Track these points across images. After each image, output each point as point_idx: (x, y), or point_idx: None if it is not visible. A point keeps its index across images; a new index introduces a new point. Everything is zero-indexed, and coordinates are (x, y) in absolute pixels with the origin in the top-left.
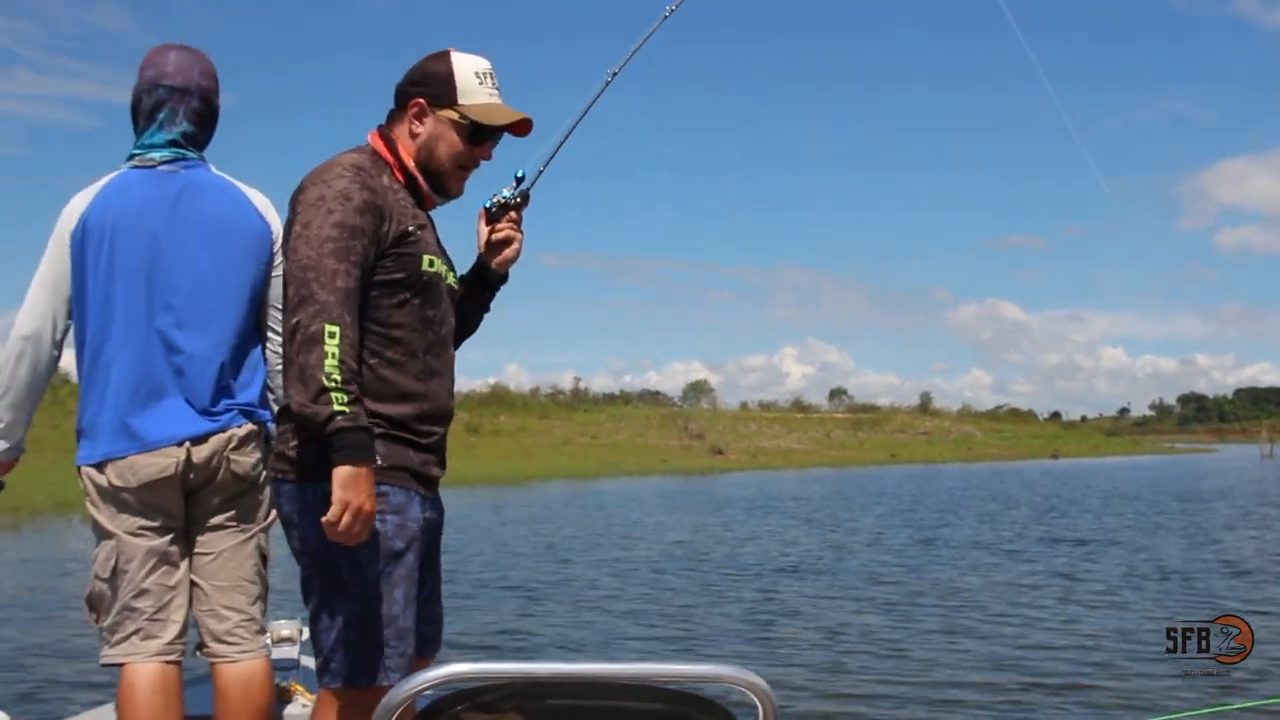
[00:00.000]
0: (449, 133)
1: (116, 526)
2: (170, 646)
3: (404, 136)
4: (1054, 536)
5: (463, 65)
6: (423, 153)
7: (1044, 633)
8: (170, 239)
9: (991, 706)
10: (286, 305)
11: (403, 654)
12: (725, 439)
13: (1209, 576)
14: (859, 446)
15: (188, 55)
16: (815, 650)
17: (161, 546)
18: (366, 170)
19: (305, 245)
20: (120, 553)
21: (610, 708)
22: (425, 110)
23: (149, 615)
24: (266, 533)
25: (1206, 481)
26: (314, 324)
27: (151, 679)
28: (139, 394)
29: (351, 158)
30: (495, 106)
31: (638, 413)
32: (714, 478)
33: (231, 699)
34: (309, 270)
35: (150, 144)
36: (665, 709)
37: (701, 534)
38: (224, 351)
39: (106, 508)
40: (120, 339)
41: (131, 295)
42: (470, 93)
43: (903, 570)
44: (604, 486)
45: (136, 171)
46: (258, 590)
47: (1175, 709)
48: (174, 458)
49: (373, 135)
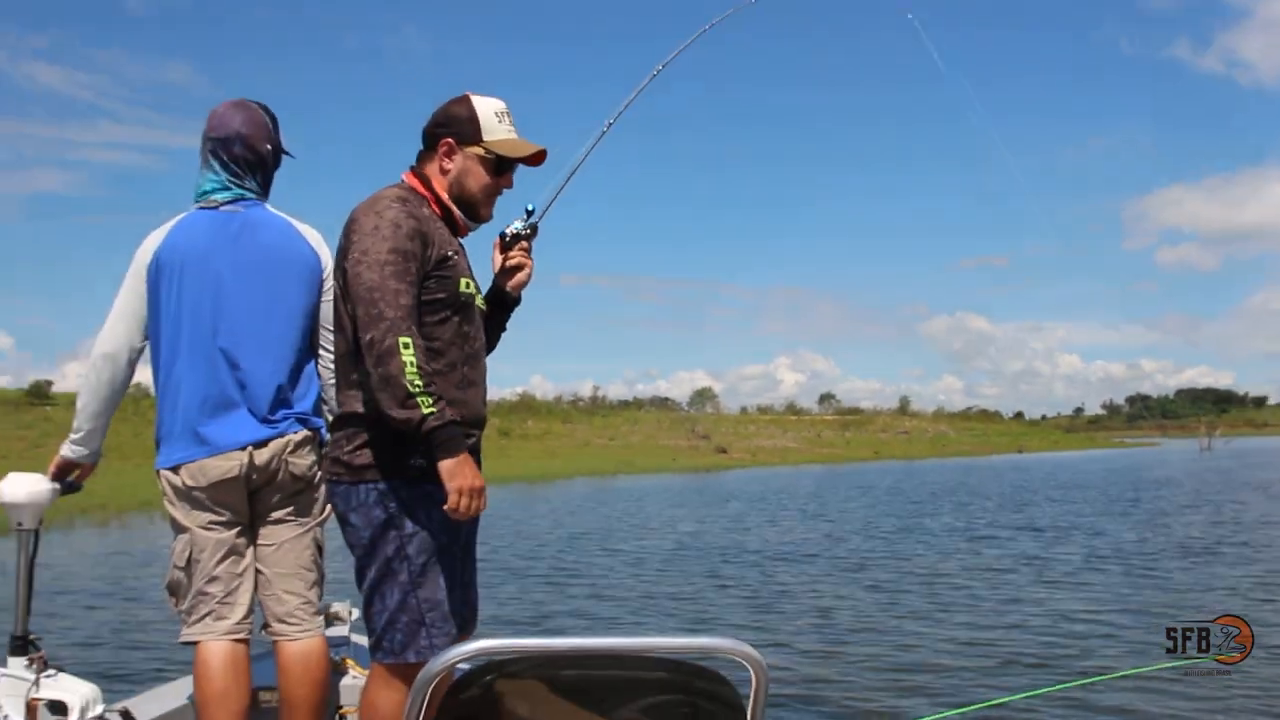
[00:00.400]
0: (476, 167)
1: (190, 522)
2: (238, 626)
3: (436, 173)
4: (1022, 524)
5: (483, 107)
6: (455, 186)
7: (1017, 611)
8: (232, 272)
9: (967, 676)
10: (358, 324)
11: (447, 634)
12: (728, 439)
13: (1163, 557)
14: (846, 445)
15: (234, 110)
16: (808, 625)
17: (229, 539)
18: (410, 201)
19: (367, 270)
20: (194, 545)
21: (620, 677)
22: (454, 149)
23: (219, 599)
24: (322, 526)
25: (1155, 472)
26: (387, 338)
27: (223, 654)
28: (206, 406)
29: (395, 191)
30: (514, 141)
31: (649, 417)
32: (719, 474)
33: (292, 673)
34: (375, 291)
35: (207, 189)
36: (669, 677)
37: (708, 524)
38: (281, 367)
39: (181, 505)
40: (188, 359)
41: (199, 321)
42: (492, 130)
43: (887, 555)
44: (621, 483)
45: (202, 212)
46: (314, 576)
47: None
48: (238, 460)
49: (407, 174)
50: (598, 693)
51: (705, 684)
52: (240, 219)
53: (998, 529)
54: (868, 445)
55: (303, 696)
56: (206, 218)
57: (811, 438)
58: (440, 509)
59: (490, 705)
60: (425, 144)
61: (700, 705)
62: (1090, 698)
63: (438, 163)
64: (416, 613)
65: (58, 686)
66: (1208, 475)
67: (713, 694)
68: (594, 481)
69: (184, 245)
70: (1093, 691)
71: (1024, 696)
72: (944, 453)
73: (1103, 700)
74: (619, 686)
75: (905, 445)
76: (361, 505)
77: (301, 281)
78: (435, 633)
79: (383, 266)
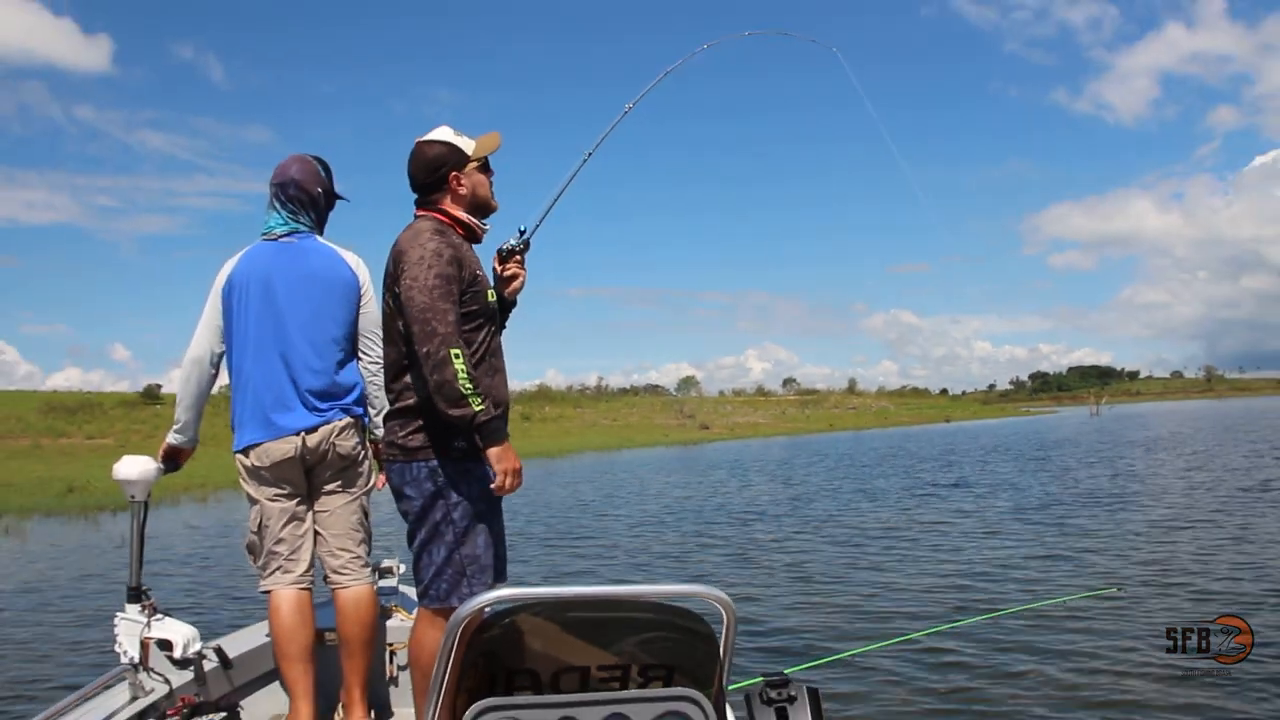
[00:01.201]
0: (477, 174)
1: (259, 495)
2: (301, 577)
3: (449, 202)
4: (956, 480)
5: (446, 136)
6: (472, 199)
7: (960, 559)
8: (287, 291)
9: (923, 618)
10: (413, 338)
11: (484, 583)
12: (710, 418)
13: (1074, 506)
14: (806, 420)
15: (292, 161)
16: (779, 572)
17: (291, 508)
18: (445, 232)
19: (419, 294)
20: (263, 514)
21: (617, 617)
22: (459, 176)
23: (286, 556)
24: (368, 495)
25: (1058, 433)
26: (441, 350)
27: (290, 600)
28: (268, 399)
29: (430, 224)
30: (483, 142)
31: (644, 401)
32: (703, 446)
33: (346, 614)
34: (427, 312)
35: (270, 225)
36: (657, 617)
37: (696, 488)
38: (328, 366)
39: (252, 482)
40: (254, 361)
41: (262, 331)
42: (466, 145)
43: (847, 512)
44: (623, 456)
45: (265, 243)
46: (361, 535)
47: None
48: (293, 444)
49: (421, 213)
50: (599, 630)
51: (686, 622)
52: (294, 248)
53: (937, 487)
54: (824, 419)
55: (355, 634)
56: (268, 247)
57: (778, 414)
58: (479, 482)
59: (511, 641)
60: (431, 189)
61: (682, 639)
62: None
63: (450, 193)
64: (459, 566)
65: (164, 628)
66: (1100, 436)
67: (692, 629)
68: (600, 455)
69: (250, 270)
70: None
71: (935, 631)
72: (886, 424)
73: (1009, 636)
74: (616, 625)
75: (855, 418)
76: (414, 480)
77: (342, 297)
78: (474, 582)
79: (431, 290)
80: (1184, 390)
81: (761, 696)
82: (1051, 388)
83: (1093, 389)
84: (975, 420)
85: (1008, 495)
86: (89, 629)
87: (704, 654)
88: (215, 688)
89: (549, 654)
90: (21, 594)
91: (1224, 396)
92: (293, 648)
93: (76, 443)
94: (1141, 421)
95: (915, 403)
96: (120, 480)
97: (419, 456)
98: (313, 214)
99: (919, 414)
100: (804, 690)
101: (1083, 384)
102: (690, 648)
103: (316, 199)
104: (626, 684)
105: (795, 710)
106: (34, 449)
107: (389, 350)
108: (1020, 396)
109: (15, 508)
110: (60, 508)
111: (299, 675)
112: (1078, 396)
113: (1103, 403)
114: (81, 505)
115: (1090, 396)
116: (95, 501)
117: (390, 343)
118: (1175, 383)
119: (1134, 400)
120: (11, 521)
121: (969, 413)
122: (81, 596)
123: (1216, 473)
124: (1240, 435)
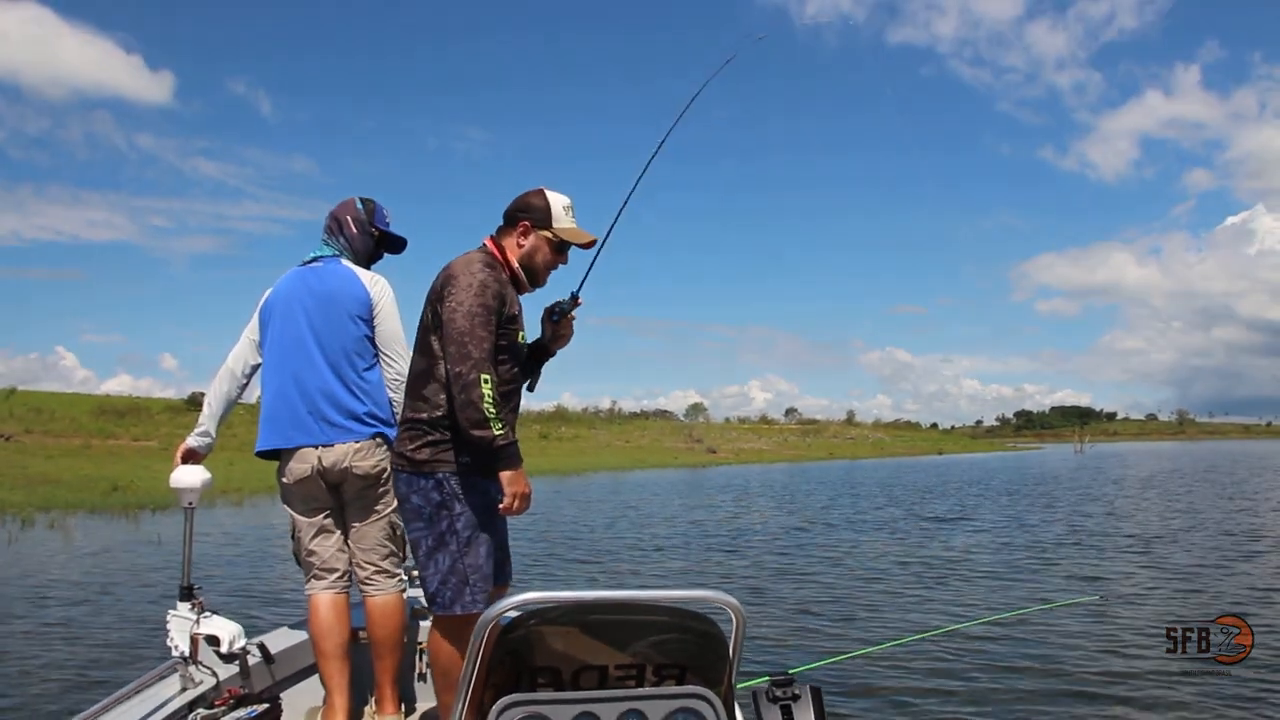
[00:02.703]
0: (544, 246)
1: (291, 509)
2: (335, 583)
3: (512, 245)
4: (957, 514)
5: (555, 201)
6: (526, 258)
7: (951, 587)
8: (306, 310)
9: (921, 623)
10: (448, 358)
11: (485, 591)
12: (716, 442)
13: (1062, 546)
14: (807, 447)
15: (338, 203)
16: (784, 584)
17: (319, 521)
18: (494, 267)
19: (461, 318)
20: (296, 526)
21: (632, 620)
22: (529, 230)
23: (318, 566)
24: (396, 512)
25: (1048, 469)
26: (472, 374)
27: (325, 603)
28: (284, 412)
29: (483, 257)
30: (575, 230)
31: (655, 425)
32: (710, 469)
33: (373, 620)
34: (465, 335)
35: (315, 254)
36: (670, 620)
37: (704, 509)
38: (344, 385)
39: (285, 497)
40: (275, 376)
41: (285, 347)
42: (560, 220)
43: (847, 534)
44: (634, 476)
45: (299, 268)
46: (388, 550)
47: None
48: (309, 462)
49: (489, 240)
50: (615, 633)
51: (698, 624)
52: (318, 271)
53: (943, 519)
54: (824, 448)
55: (381, 637)
56: (300, 271)
57: (780, 441)
58: (481, 495)
59: (535, 641)
60: (506, 221)
61: (694, 640)
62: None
63: (515, 238)
64: (462, 575)
65: (212, 625)
66: (1087, 473)
67: (703, 632)
68: (613, 475)
69: (281, 292)
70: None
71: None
72: (882, 454)
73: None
74: (631, 628)
75: (853, 447)
76: (420, 490)
77: (356, 315)
78: (476, 590)
79: (472, 317)
80: (1158, 432)
81: (768, 695)
82: (1035, 425)
83: (1073, 427)
84: (967, 453)
85: (1015, 531)
86: (127, 630)
87: (715, 655)
88: (258, 680)
89: (570, 654)
90: (74, 588)
91: (1195, 439)
92: (328, 645)
93: (124, 444)
94: (1122, 460)
95: (909, 435)
96: (178, 488)
97: (425, 469)
98: (342, 239)
99: (913, 446)
100: (807, 689)
101: (1064, 423)
102: (702, 649)
103: (345, 225)
104: (642, 682)
105: (799, 708)
106: (84, 448)
107: (416, 359)
108: (1005, 432)
109: (62, 503)
110: (104, 505)
111: (335, 671)
112: (1059, 434)
113: (1086, 441)
114: (124, 504)
115: (1075, 434)
116: (137, 500)
117: (420, 352)
118: (1150, 425)
119: (1111, 440)
120: (58, 516)
121: (960, 446)
122: (126, 597)
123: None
124: (1223, 476)
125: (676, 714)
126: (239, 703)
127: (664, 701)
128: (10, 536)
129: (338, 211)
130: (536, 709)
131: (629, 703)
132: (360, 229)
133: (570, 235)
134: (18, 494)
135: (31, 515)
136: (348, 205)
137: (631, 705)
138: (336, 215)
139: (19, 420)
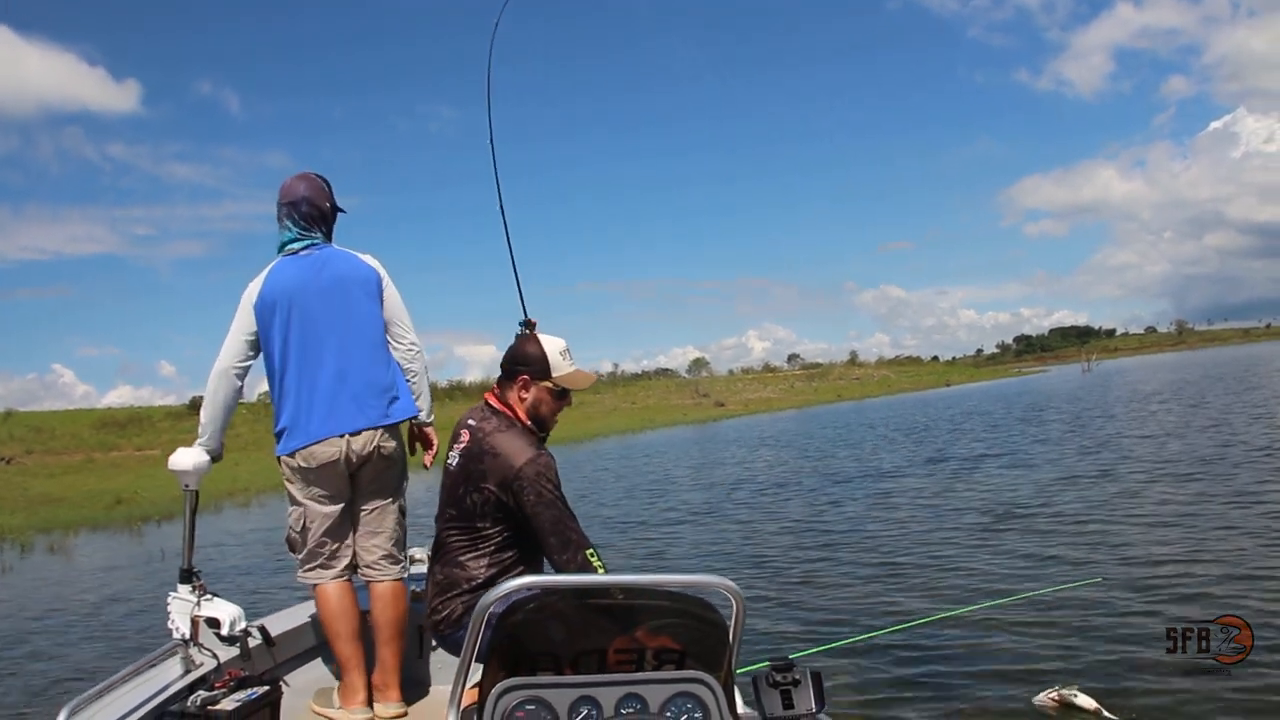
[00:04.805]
0: (547, 396)
1: (304, 497)
2: (343, 571)
3: (515, 400)
4: (983, 450)
5: (550, 348)
6: (531, 410)
7: (969, 546)
8: (318, 298)
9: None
10: (546, 549)
11: None
12: (724, 395)
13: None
14: (814, 392)
15: (299, 180)
16: (790, 545)
17: (333, 510)
18: (534, 439)
19: (549, 508)
20: (306, 515)
21: (635, 604)
22: (529, 383)
23: (327, 555)
24: (404, 495)
25: (1066, 390)
26: (579, 555)
27: (334, 590)
28: (312, 404)
29: (519, 428)
30: (574, 375)
31: (659, 384)
32: (721, 423)
33: (376, 604)
34: (560, 524)
35: (285, 240)
36: (672, 604)
37: (718, 467)
38: (365, 365)
39: (298, 483)
40: (296, 369)
41: (303, 339)
42: (559, 368)
43: (866, 484)
44: (644, 437)
45: (288, 259)
46: (396, 537)
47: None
48: (338, 447)
49: (491, 396)
50: (618, 616)
51: (698, 609)
52: (316, 258)
53: (980, 456)
54: (831, 390)
55: (384, 621)
56: (293, 262)
57: (786, 388)
58: None
59: (535, 625)
60: (504, 374)
61: (694, 625)
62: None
63: (516, 392)
64: None
65: (213, 607)
66: (1096, 391)
67: (703, 617)
68: (623, 438)
69: (282, 285)
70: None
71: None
72: (890, 391)
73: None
74: (634, 611)
75: (860, 388)
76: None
77: (369, 295)
78: None
79: (558, 503)
80: (1158, 344)
81: (768, 679)
82: (1035, 349)
83: (1075, 348)
84: (974, 383)
85: (1045, 466)
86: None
87: (715, 639)
88: (259, 662)
89: (570, 638)
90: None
91: (1195, 348)
92: (341, 627)
93: (126, 455)
94: (1130, 375)
95: (913, 370)
96: (175, 470)
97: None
98: (323, 227)
99: (919, 380)
100: (808, 673)
101: (1064, 344)
102: (702, 633)
103: (326, 214)
104: (642, 666)
105: (799, 692)
106: (86, 463)
107: (453, 532)
108: (1007, 358)
109: (63, 523)
110: (107, 520)
111: (351, 652)
112: (1059, 355)
113: (1093, 359)
114: (127, 517)
115: (1082, 354)
116: (141, 512)
117: (450, 523)
118: (1150, 338)
119: (1113, 356)
120: (58, 538)
121: (965, 376)
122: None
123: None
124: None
125: (676, 699)
126: (240, 684)
127: (664, 686)
128: (5, 565)
129: (313, 197)
130: (536, 693)
131: (629, 687)
132: (333, 210)
133: (570, 382)
134: (17, 517)
135: (30, 539)
136: (316, 188)
137: (631, 690)
138: (313, 201)
139: (20, 441)
